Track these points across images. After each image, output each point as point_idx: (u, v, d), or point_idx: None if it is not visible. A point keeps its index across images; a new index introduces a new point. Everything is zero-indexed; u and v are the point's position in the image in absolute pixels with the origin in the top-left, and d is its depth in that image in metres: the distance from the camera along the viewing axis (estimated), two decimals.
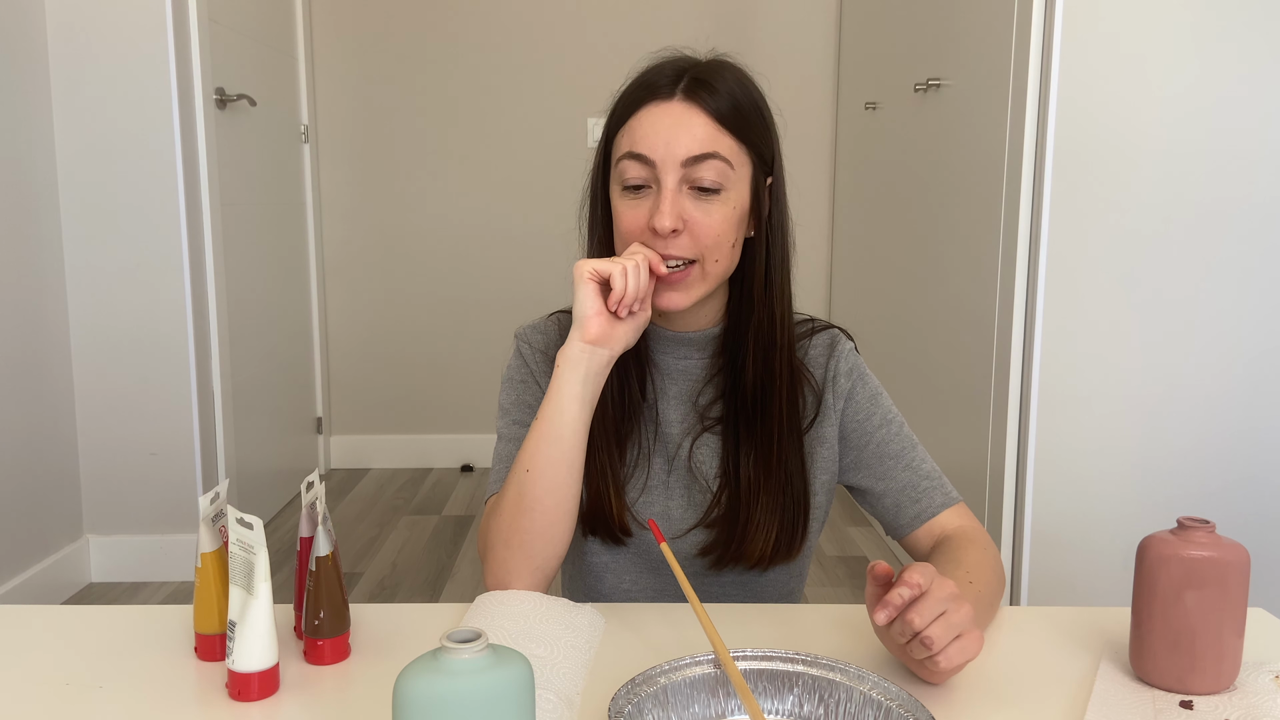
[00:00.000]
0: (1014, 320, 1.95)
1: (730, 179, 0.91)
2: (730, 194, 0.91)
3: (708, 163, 0.89)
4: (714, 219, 0.90)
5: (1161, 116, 1.87)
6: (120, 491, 2.46)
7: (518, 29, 3.36)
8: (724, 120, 0.90)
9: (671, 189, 0.89)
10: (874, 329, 2.94)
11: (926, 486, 1.00)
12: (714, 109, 0.90)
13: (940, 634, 0.71)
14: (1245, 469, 1.95)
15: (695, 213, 0.90)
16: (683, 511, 1.00)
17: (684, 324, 1.00)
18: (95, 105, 2.33)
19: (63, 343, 2.38)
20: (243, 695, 0.75)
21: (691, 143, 0.89)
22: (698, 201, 0.90)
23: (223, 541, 0.83)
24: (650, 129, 0.90)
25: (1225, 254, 1.90)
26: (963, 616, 0.73)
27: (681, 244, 0.90)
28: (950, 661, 0.72)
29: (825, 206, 3.46)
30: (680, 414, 1.01)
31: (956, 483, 2.23)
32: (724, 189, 0.90)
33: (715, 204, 0.90)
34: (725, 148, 0.90)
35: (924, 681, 0.78)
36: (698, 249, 0.91)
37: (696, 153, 0.89)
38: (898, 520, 1.01)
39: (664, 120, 0.90)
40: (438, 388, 3.52)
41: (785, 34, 3.37)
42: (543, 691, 0.73)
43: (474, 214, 3.44)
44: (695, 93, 0.90)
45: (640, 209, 0.91)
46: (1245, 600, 0.77)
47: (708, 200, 0.90)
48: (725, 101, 0.91)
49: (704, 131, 0.89)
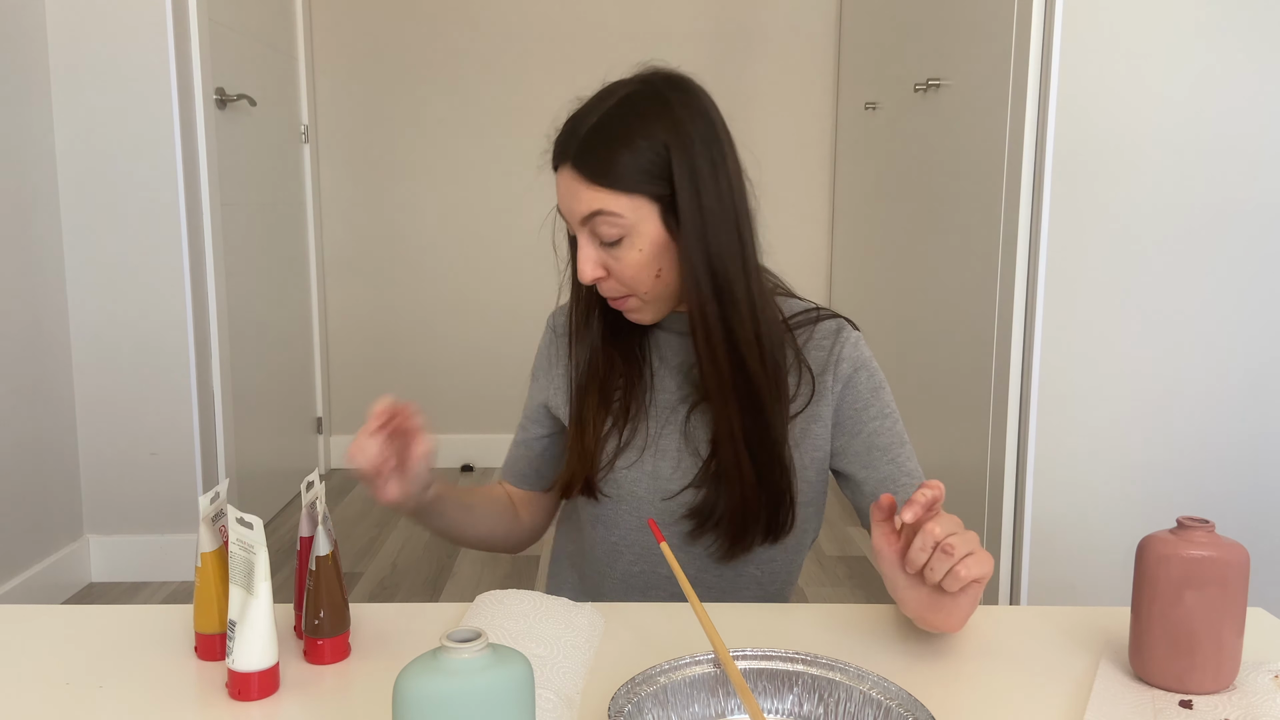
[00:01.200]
0: (1014, 320, 1.95)
1: (625, 226, 0.95)
2: (633, 239, 0.95)
3: (595, 220, 0.95)
4: (625, 264, 0.97)
5: (1161, 117, 1.87)
6: (120, 491, 2.46)
7: (518, 29, 3.36)
8: (603, 181, 0.94)
9: (583, 244, 0.97)
10: (874, 329, 2.94)
11: (905, 483, 1.03)
12: (591, 173, 0.94)
13: (959, 544, 0.75)
14: (1245, 469, 1.95)
15: (609, 260, 0.97)
16: (671, 472, 1.05)
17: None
18: (95, 105, 2.33)
19: (63, 342, 2.38)
20: (243, 695, 0.75)
21: (579, 205, 0.96)
22: (609, 250, 0.96)
23: (223, 541, 0.83)
24: (559, 194, 0.99)
25: (1225, 254, 1.90)
26: (972, 537, 0.77)
27: (610, 286, 0.99)
28: (970, 571, 0.75)
29: (825, 206, 3.46)
30: (677, 382, 1.07)
31: (956, 482, 2.23)
32: (625, 236, 0.95)
33: (622, 250, 0.96)
34: (605, 203, 0.94)
35: (915, 656, 0.78)
36: (623, 289, 0.99)
37: (584, 214, 0.95)
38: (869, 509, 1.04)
39: (562, 186, 0.98)
40: (438, 388, 3.52)
41: (785, 34, 3.37)
42: (543, 691, 0.73)
43: (474, 214, 3.44)
44: (578, 160, 0.95)
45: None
46: (1245, 600, 0.77)
47: (615, 249, 0.96)
48: (607, 165, 0.94)
49: (584, 193, 0.95)
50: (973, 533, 0.78)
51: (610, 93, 0.98)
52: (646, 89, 0.98)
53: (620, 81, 1.00)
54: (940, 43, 2.39)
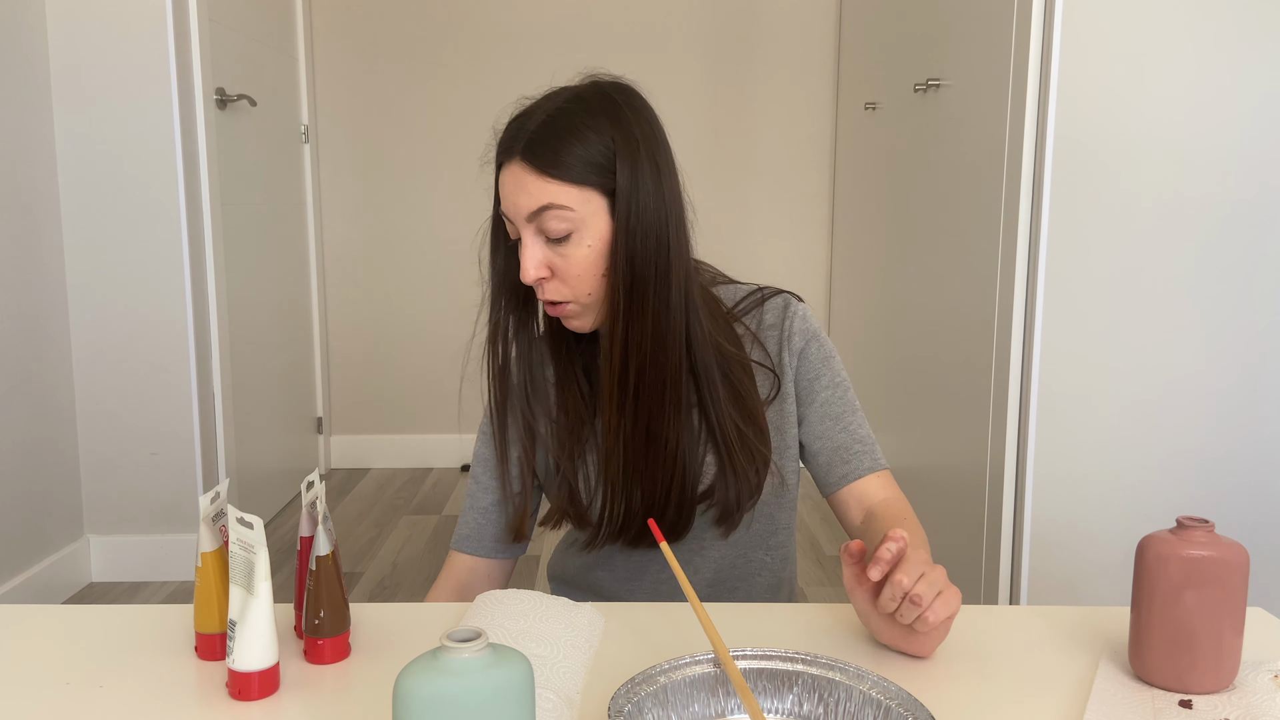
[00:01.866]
0: (1014, 320, 1.95)
1: (575, 220, 0.95)
2: (582, 234, 0.95)
3: (546, 213, 0.94)
4: (572, 261, 0.96)
5: (1162, 116, 1.87)
6: (120, 491, 2.46)
7: (517, 29, 3.36)
8: (553, 173, 0.94)
9: (529, 242, 0.96)
10: (874, 328, 2.94)
11: (858, 450, 1.06)
12: (541, 166, 0.94)
13: (925, 590, 0.77)
14: (1245, 469, 1.95)
15: (555, 258, 0.96)
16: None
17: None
18: (95, 105, 2.33)
19: (63, 342, 2.38)
20: (243, 695, 0.75)
21: (528, 200, 0.94)
22: (555, 247, 0.96)
23: (223, 541, 0.83)
24: (504, 191, 0.97)
25: (1226, 254, 1.90)
26: (939, 574, 0.79)
27: (553, 288, 0.97)
28: (937, 615, 0.76)
29: (825, 206, 3.46)
30: None
31: (956, 482, 2.23)
32: (575, 231, 0.95)
33: (570, 247, 0.96)
34: (558, 196, 0.94)
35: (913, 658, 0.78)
36: (568, 290, 0.97)
37: (533, 209, 0.94)
38: (827, 478, 1.07)
39: (509, 182, 0.96)
40: (438, 388, 3.52)
41: (785, 34, 3.37)
42: (543, 691, 0.73)
43: (474, 213, 3.44)
44: (527, 153, 0.95)
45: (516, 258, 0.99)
46: (1244, 600, 0.77)
47: (563, 245, 0.96)
48: (558, 156, 0.94)
49: (535, 187, 0.94)
50: (940, 569, 0.79)
51: (557, 94, 0.99)
52: (594, 89, 0.99)
53: (566, 85, 1.01)
54: (940, 43, 2.39)
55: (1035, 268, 1.90)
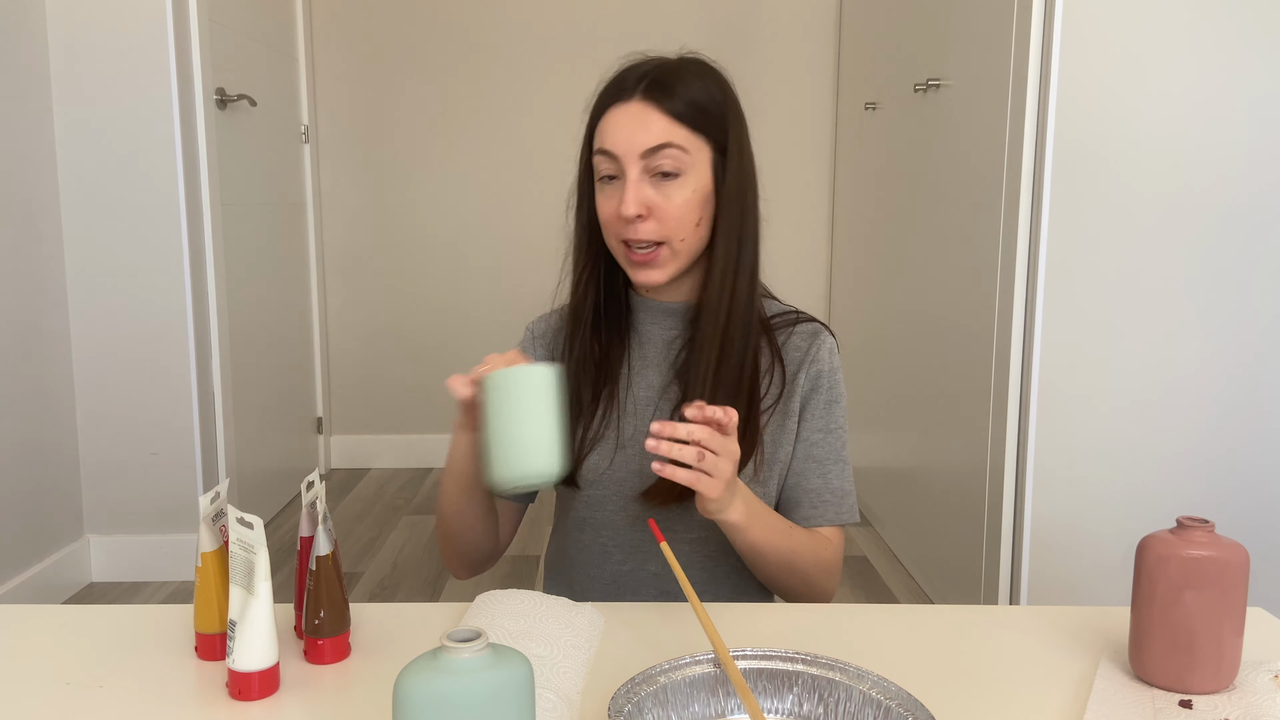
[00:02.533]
0: (1014, 320, 1.95)
1: (687, 163, 1.00)
2: (689, 178, 1.00)
3: (664, 151, 0.99)
4: (674, 202, 1.00)
5: (1161, 116, 1.87)
6: (120, 491, 2.46)
7: (517, 29, 3.36)
8: (678, 114, 1.00)
9: (634, 179, 0.99)
10: (874, 328, 2.94)
11: (828, 500, 1.08)
12: (668, 105, 1.00)
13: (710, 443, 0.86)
14: (1245, 469, 1.95)
15: (657, 198, 1.00)
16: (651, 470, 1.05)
17: (668, 295, 1.09)
18: (95, 105, 2.33)
19: (63, 342, 2.38)
20: (243, 694, 0.75)
21: (647, 136, 0.99)
22: (660, 187, 1.00)
23: (223, 541, 0.83)
24: (614, 127, 1.01)
25: (1226, 254, 1.90)
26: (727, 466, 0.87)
27: (649, 228, 1.00)
28: (674, 474, 0.85)
29: (825, 206, 3.46)
30: (660, 380, 1.09)
31: (956, 482, 2.23)
32: (682, 173, 1.00)
33: (674, 187, 1.00)
34: (680, 138, 1.00)
35: (913, 658, 0.78)
36: (663, 231, 1.00)
37: (652, 144, 0.99)
38: (791, 514, 1.09)
39: (625, 119, 1.00)
40: (438, 388, 3.50)
41: (785, 34, 3.37)
42: (543, 690, 0.73)
43: (474, 213, 3.44)
44: (651, 92, 1.00)
45: (613, 199, 1.02)
46: (1244, 600, 0.77)
47: (668, 184, 1.00)
48: (680, 98, 1.00)
49: (659, 125, 0.99)
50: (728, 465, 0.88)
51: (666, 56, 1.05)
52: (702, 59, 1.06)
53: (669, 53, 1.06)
54: (940, 43, 2.39)
55: (1035, 267, 1.90)
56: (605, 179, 1.03)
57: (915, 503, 2.53)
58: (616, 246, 1.04)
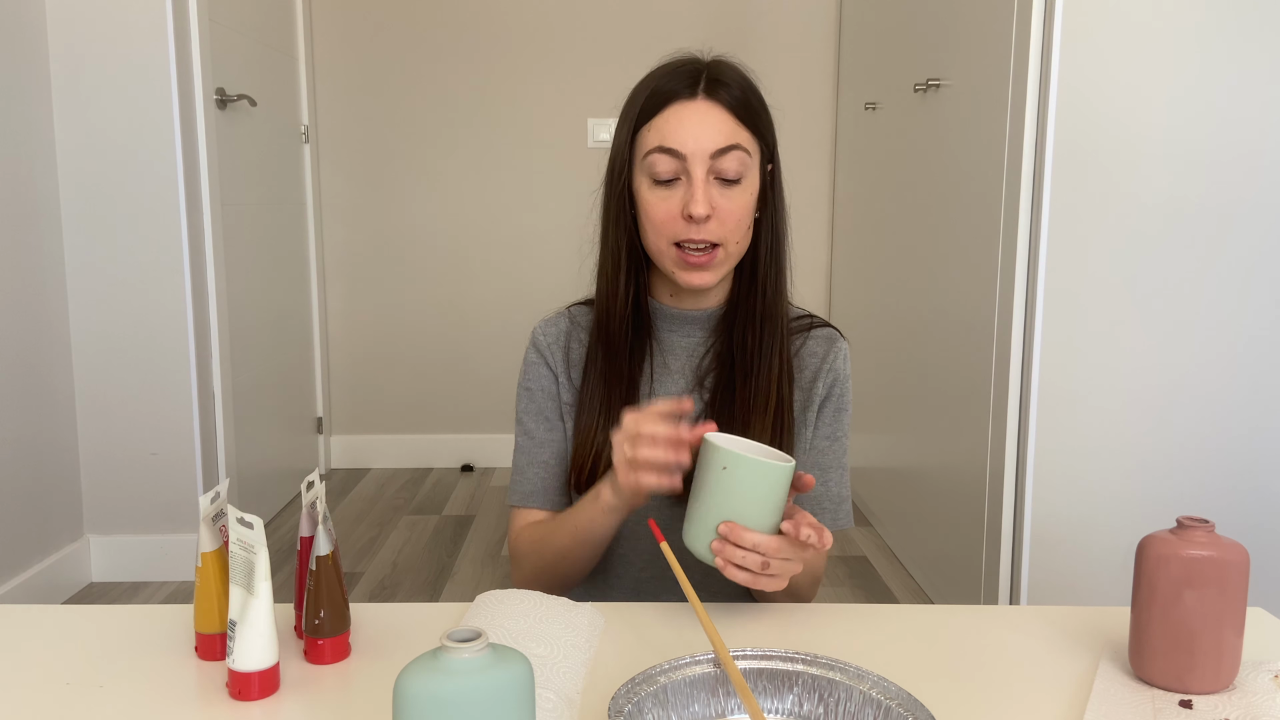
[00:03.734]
0: (1014, 320, 1.95)
1: (748, 166, 1.00)
2: (748, 180, 1.01)
3: (731, 154, 0.98)
4: (736, 204, 1.00)
5: (1162, 116, 1.87)
6: (120, 491, 2.46)
7: (518, 29, 3.36)
8: (740, 114, 1.00)
9: (701, 179, 0.98)
10: (874, 328, 2.94)
11: (827, 506, 1.08)
12: (732, 105, 0.99)
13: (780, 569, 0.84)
14: (1245, 469, 1.95)
15: (721, 200, 0.99)
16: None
17: (693, 303, 1.08)
18: (95, 105, 2.33)
19: (63, 342, 2.38)
20: (243, 695, 0.75)
21: (717, 136, 0.98)
22: (723, 190, 0.99)
23: (223, 541, 0.83)
24: (678, 125, 0.98)
25: (1225, 253, 1.90)
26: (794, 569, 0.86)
27: (709, 229, 0.99)
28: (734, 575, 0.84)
29: (825, 206, 3.46)
30: (681, 387, 1.08)
31: (956, 482, 2.23)
32: (744, 177, 1.00)
33: (736, 191, 1.00)
34: (743, 139, 1.00)
35: (914, 658, 0.78)
36: (722, 233, 1.00)
37: (721, 145, 0.98)
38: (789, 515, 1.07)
39: (691, 118, 0.98)
40: (438, 388, 3.52)
41: (785, 34, 3.37)
42: (543, 691, 0.73)
43: (474, 214, 3.44)
44: (715, 91, 0.99)
45: (671, 200, 1.00)
46: (1245, 600, 0.77)
47: (730, 188, 0.99)
48: (739, 97, 1.00)
49: (726, 126, 0.99)
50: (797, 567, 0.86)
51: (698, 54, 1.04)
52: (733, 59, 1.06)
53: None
54: (940, 43, 2.39)
55: (1035, 267, 1.90)
56: (661, 181, 0.99)
57: (915, 502, 2.53)
58: (666, 249, 1.01)
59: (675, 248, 1.00)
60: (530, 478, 1.09)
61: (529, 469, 1.09)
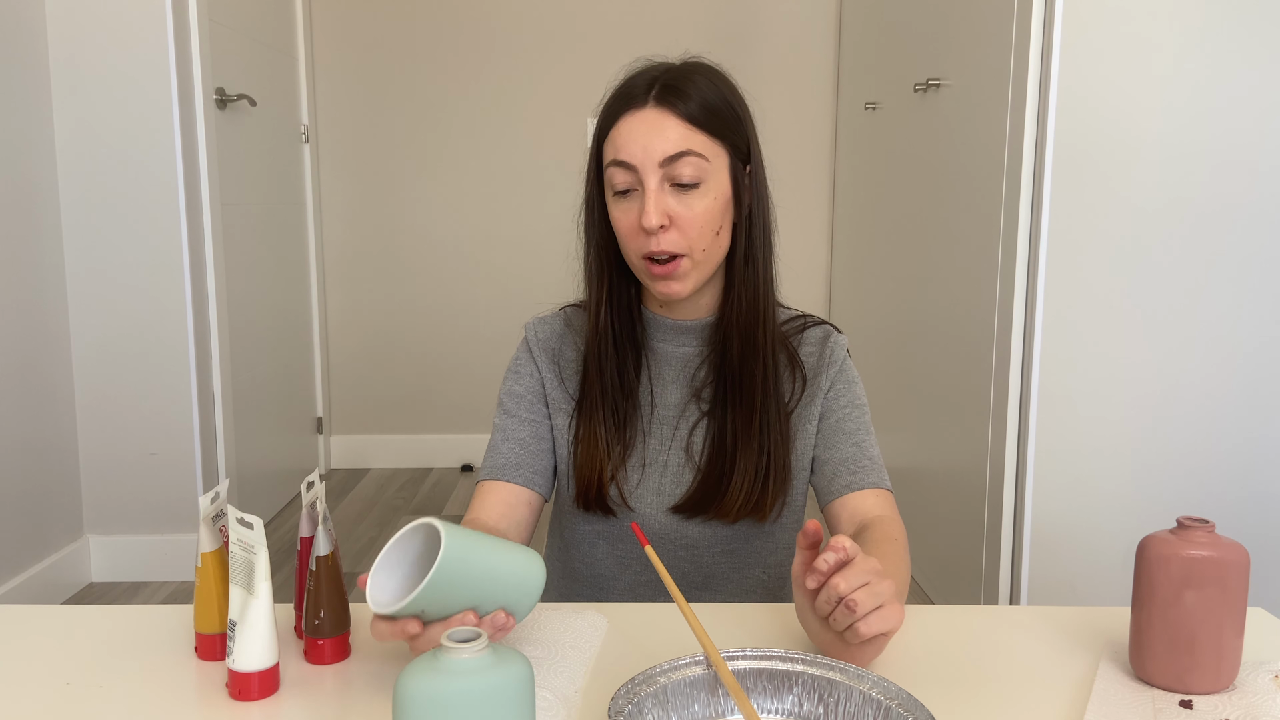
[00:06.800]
0: (1014, 320, 1.95)
1: (707, 171, 0.97)
2: (709, 185, 0.97)
3: (683, 160, 0.96)
4: (695, 211, 0.97)
5: (1162, 116, 1.87)
6: (120, 491, 2.46)
7: (518, 29, 3.36)
8: (694, 120, 0.96)
9: (653, 189, 0.96)
10: (874, 328, 2.94)
11: (866, 464, 1.05)
12: (684, 111, 0.96)
13: (864, 600, 0.71)
14: (1245, 469, 1.95)
15: (678, 208, 0.96)
16: (674, 488, 1.06)
17: (683, 313, 1.07)
18: (95, 105, 2.33)
19: (63, 342, 2.38)
20: (243, 695, 0.75)
21: (666, 144, 0.95)
22: (680, 197, 0.97)
23: (223, 541, 0.83)
24: (629, 136, 0.97)
25: (1225, 254, 1.90)
26: (886, 588, 0.73)
27: (670, 239, 0.97)
28: (870, 628, 0.72)
29: (825, 206, 3.46)
30: (678, 398, 1.07)
31: (956, 482, 2.23)
32: (703, 182, 0.97)
33: (695, 197, 0.97)
34: (698, 144, 0.96)
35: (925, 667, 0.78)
36: (684, 242, 0.97)
37: (671, 152, 0.95)
38: (829, 487, 1.05)
39: (640, 127, 0.96)
40: (438, 388, 3.52)
41: (785, 34, 3.37)
42: (542, 691, 0.73)
43: (474, 214, 3.44)
44: (665, 98, 0.96)
45: (631, 211, 0.98)
46: (1245, 600, 0.77)
47: (689, 194, 0.97)
48: (694, 102, 0.97)
49: (676, 132, 0.96)
50: (889, 583, 0.74)
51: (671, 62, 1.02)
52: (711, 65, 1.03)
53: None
54: (940, 43, 2.39)
55: (1035, 267, 1.90)
56: (621, 193, 0.98)
57: (915, 503, 2.53)
58: (637, 263, 1.00)
59: (645, 260, 0.98)
60: (504, 452, 1.06)
61: (503, 445, 1.06)
